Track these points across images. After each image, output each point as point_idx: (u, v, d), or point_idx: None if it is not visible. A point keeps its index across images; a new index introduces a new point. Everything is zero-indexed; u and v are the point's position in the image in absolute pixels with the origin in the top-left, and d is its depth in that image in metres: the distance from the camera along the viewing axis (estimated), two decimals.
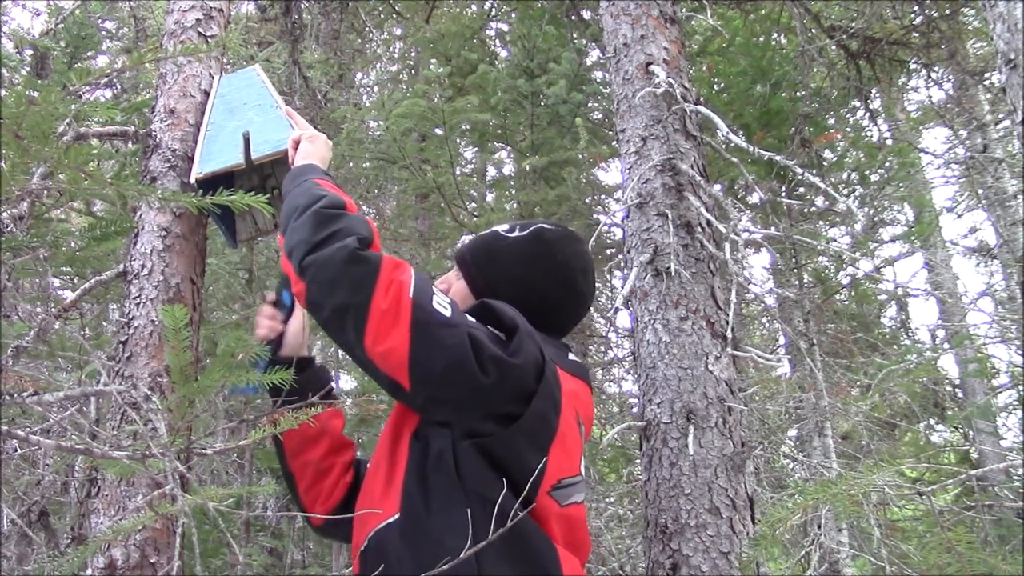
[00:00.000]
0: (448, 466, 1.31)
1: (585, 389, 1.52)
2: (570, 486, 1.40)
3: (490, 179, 7.09)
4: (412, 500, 1.32)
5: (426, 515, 1.30)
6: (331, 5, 6.24)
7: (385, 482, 1.38)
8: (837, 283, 6.05)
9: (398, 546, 1.30)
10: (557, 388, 1.38)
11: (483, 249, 1.60)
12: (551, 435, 1.36)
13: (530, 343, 1.35)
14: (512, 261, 1.55)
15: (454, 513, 1.27)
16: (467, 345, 1.27)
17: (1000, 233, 7.37)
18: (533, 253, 1.55)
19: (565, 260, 1.56)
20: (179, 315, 1.23)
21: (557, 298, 1.55)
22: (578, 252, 1.60)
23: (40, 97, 1.10)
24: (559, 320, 1.58)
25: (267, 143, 1.81)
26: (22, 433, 1.20)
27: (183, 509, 1.04)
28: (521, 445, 1.33)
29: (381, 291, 1.27)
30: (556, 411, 1.37)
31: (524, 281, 1.53)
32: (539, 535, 1.33)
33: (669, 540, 2.43)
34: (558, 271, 1.55)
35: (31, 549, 2.82)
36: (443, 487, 1.30)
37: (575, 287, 1.57)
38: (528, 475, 1.30)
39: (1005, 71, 2.55)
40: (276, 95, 1.96)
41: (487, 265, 1.57)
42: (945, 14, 5.24)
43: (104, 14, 5.52)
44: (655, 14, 3.14)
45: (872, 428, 5.74)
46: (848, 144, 5.83)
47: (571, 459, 1.41)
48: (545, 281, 1.53)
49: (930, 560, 1.76)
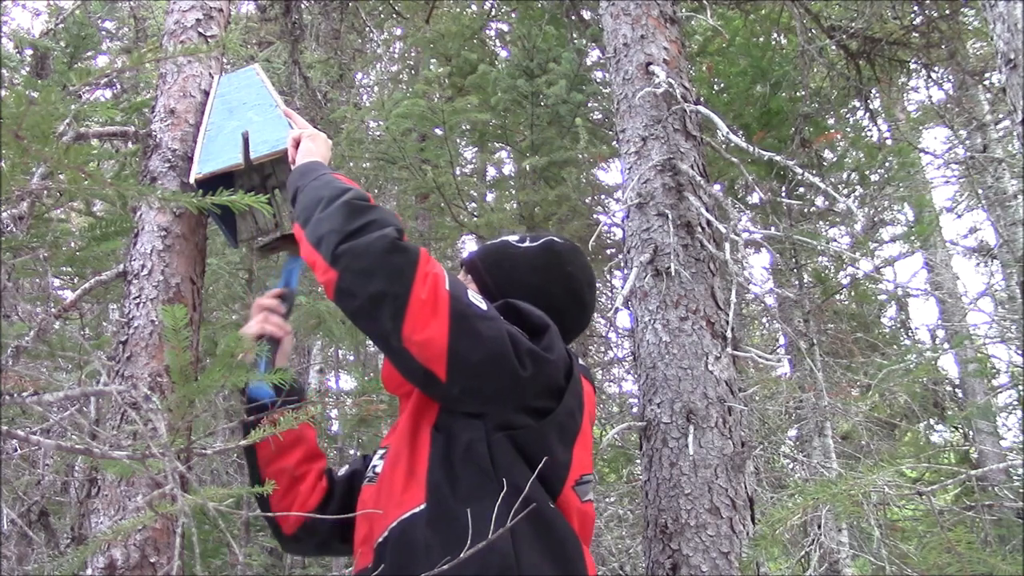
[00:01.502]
0: (480, 456, 1.32)
1: (592, 391, 1.57)
2: (587, 483, 1.46)
3: (490, 179, 7.09)
4: (439, 490, 1.33)
5: (456, 504, 1.30)
6: (331, 5, 6.24)
7: (407, 474, 1.38)
8: (837, 283, 6.05)
9: (426, 535, 1.30)
10: (580, 387, 1.44)
11: (494, 256, 1.65)
12: (576, 431, 1.42)
13: (559, 342, 1.40)
14: (524, 269, 1.60)
15: (486, 502, 1.28)
16: (505, 338, 1.30)
17: (1000, 233, 7.37)
18: (544, 262, 1.61)
19: (573, 271, 1.62)
20: (179, 315, 1.23)
21: (564, 306, 1.59)
22: (585, 265, 1.67)
23: (40, 97, 1.10)
24: (564, 328, 1.61)
25: (266, 143, 1.81)
26: (22, 433, 1.20)
27: (183, 509, 1.04)
28: (552, 439, 1.37)
29: (420, 281, 1.29)
30: (581, 408, 1.44)
31: (534, 287, 1.57)
32: (567, 529, 1.37)
33: (669, 540, 2.43)
34: (566, 281, 1.61)
35: (31, 549, 2.82)
36: (473, 477, 1.32)
37: (581, 297, 1.63)
38: (556, 469, 1.35)
39: (1005, 71, 2.55)
40: (275, 95, 1.96)
41: (498, 271, 1.61)
42: (945, 14, 5.24)
43: (104, 14, 5.51)
44: (655, 14, 3.14)
45: (872, 428, 5.75)
46: (848, 144, 5.83)
47: (589, 457, 1.47)
48: (554, 289, 1.59)
49: (930, 560, 1.76)
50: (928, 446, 6.42)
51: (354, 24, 6.85)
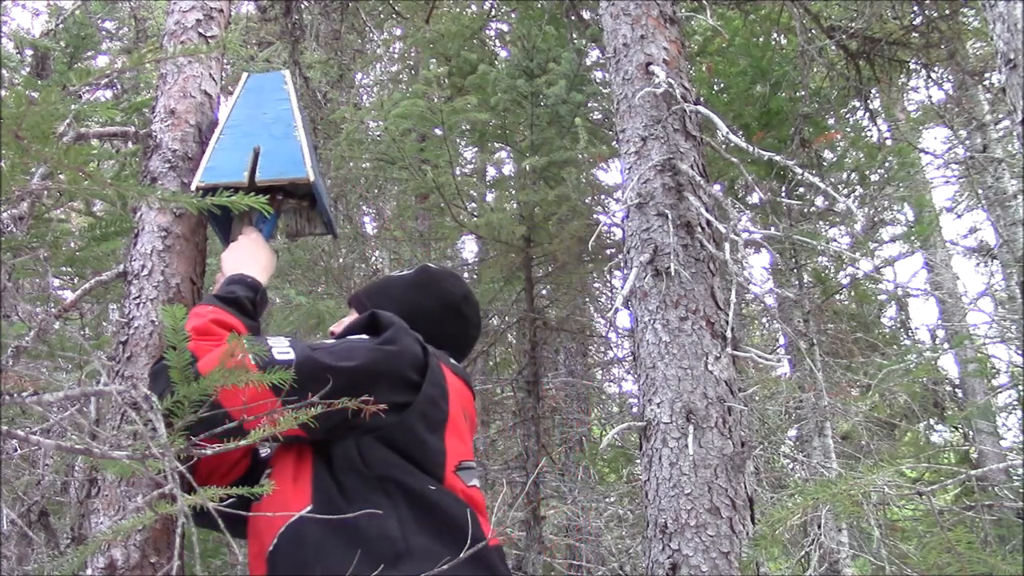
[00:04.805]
0: (355, 462, 1.40)
1: (467, 389, 1.65)
2: (469, 469, 1.54)
3: (490, 179, 7.09)
4: (326, 492, 1.39)
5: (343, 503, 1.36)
6: (331, 5, 6.24)
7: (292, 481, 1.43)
8: (837, 283, 6.05)
9: (318, 536, 1.34)
10: (443, 379, 1.54)
11: (375, 285, 1.83)
12: (443, 418, 1.50)
13: (407, 338, 1.50)
14: (399, 289, 1.75)
15: (371, 498, 1.36)
16: (318, 367, 1.35)
17: (1000, 233, 7.36)
18: (416, 280, 1.77)
19: (447, 286, 1.77)
20: (179, 315, 1.24)
21: (439, 317, 1.71)
22: (459, 281, 1.82)
23: (40, 97, 1.10)
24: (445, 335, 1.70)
25: (273, 167, 1.79)
26: (22, 433, 1.20)
27: (183, 509, 1.04)
28: (418, 427, 1.45)
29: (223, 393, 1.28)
30: (444, 398, 1.52)
31: (408, 301, 1.70)
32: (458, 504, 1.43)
33: (669, 540, 2.43)
34: (439, 292, 1.75)
35: (31, 549, 2.82)
36: (354, 481, 1.39)
37: (456, 307, 1.75)
38: (431, 455, 1.44)
39: (1005, 71, 2.55)
40: (297, 114, 1.92)
41: (377, 295, 1.75)
42: (945, 14, 5.24)
43: (104, 14, 5.51)
44: (655, 14, 3.15)
45: (872, 428, 5.75)
46: (848, 144, 5.82)
47: (465, 445, 1.55)
48: (427, 301, 1.72)
49: (930, 560, 1.76)
50: (928, 446, 6.43)
51: (354, 24, 6.85)
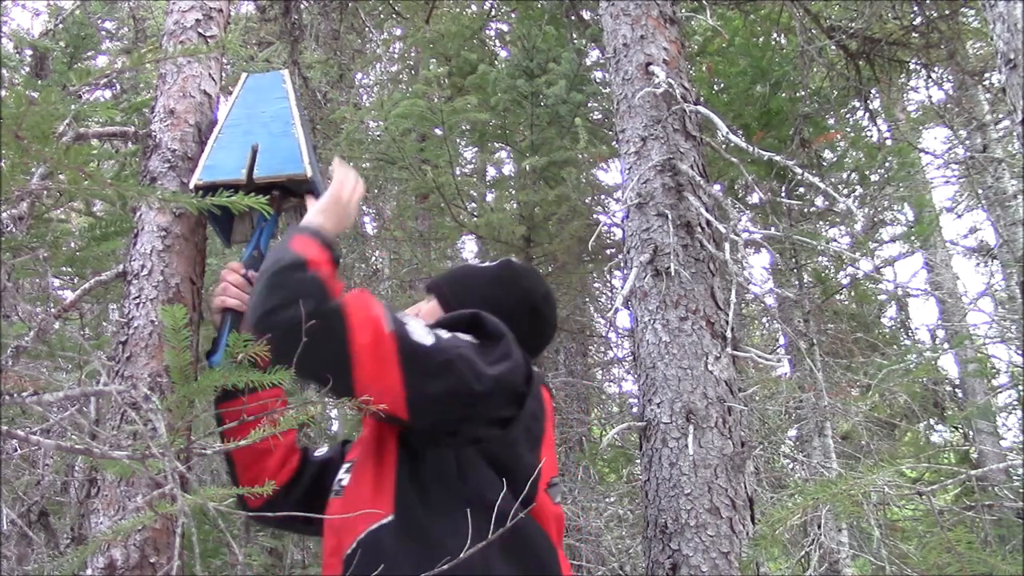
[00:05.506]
0: (448, 472, 1.36)
1: (550, 399, 1.63)
2: (557, 486, 1.50)
3: (490, 179, 7.08)
4: (408, 502, 1.34)
5: (425, 517, 1.32)
6: (331, 5, 6.24)
7: (374, 487, 1.40)
8: (837, 283, 6.05)
9: (395, 546, 1.31)
10: (540, 391, 1.52)
11: (456, 274, 1.80)
12: (541, 433, 1.46)
13: (517, 349, 1.46)
14: (481, 283, 1.71)
15: (455, 515, 1.30)
16: (456, 363, 1.33)
17: (1000, 233, 7.36)
18: (500, 276, 1.73)
19: (529, 284, 1.74)
20: (179, 315, 1.24)
21: (519, 316, 1.66)
22: (540, 281, 1.80)
23: (40, 97, 1.10)
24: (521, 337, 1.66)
25: (272, 164, 1.80)
26: (22, 433, 1.20)
27: (183, 509, 1.04)
28: (520, 444, 1.40)
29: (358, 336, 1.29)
30: (543, 412, 1.49)
31: (490, 299, 1.65)
32: (540, 534, 1.38)
33: (669, 540, 2.43)
34: (522, 292, 1.71)
35: (31, 549, 2.82)
36: (442, 490, 1.34)
37: (537, 308, 1.72)
38: (527, 473, 1.37)
39: (1005, 71, 2.55)
40: (296, 112, 1.93)
41: (459, 287, 1.71)
42: (945, 14, 5.24)
43: (104, 14, 5.51)
44: (655, 14, 3.15)
45: (872, 428, 5.74)
46: (848, 144, 5.82)
47: (554, 459, 1.51)
48: (509, 301, 1.67)
49: (930, 560, 1.76)
50: (928, 446, 6.42)
51: (354, 24, 6.85)
